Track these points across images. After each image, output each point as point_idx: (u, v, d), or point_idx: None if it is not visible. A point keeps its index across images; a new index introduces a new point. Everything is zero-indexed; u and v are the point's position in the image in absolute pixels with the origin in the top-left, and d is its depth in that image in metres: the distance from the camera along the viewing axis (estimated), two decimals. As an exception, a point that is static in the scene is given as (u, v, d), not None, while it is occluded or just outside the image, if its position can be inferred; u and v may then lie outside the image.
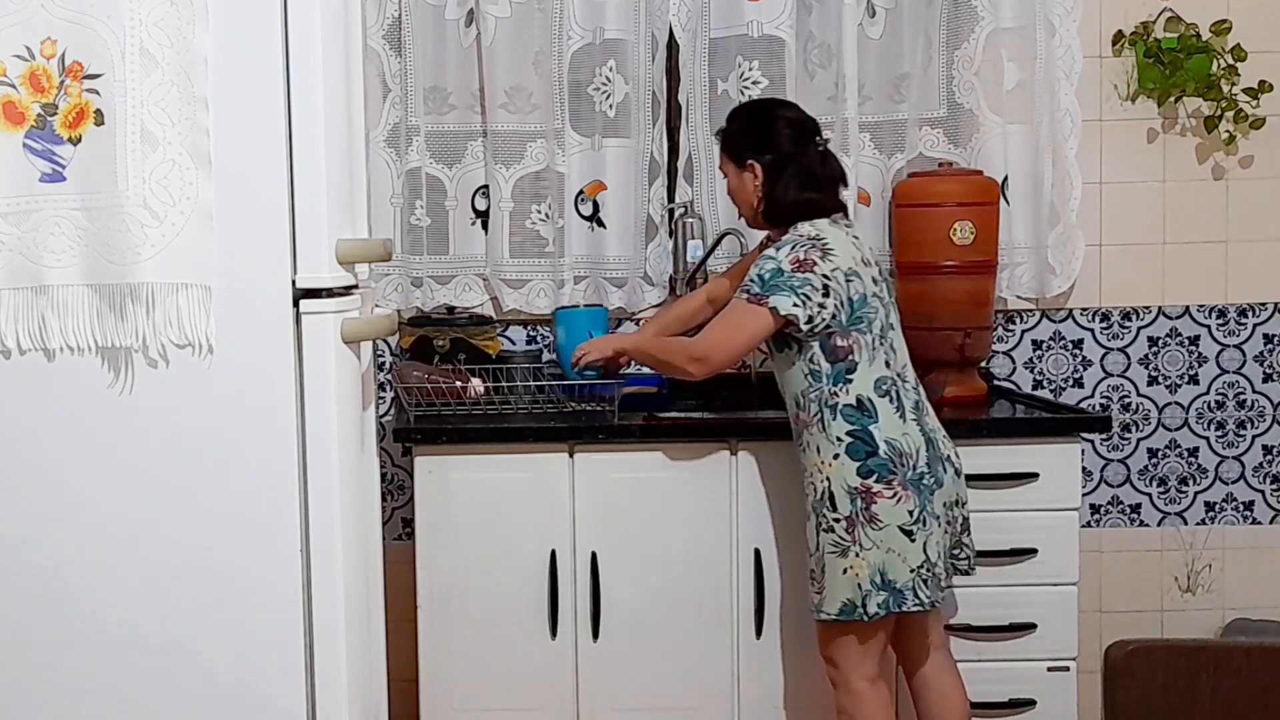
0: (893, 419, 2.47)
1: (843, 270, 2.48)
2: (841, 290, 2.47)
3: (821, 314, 2.44)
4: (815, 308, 2.44)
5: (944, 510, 2.51)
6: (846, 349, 2.47)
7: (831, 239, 2.51)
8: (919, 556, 2.45)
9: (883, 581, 2.45)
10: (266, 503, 1.94)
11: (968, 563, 2.62)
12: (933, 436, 2.52)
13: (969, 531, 2.61)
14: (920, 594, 2.46)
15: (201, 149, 1.87)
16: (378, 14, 3.19)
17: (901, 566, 2.44)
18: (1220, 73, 3.20)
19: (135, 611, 1.96)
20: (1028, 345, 3.35)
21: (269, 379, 1.93)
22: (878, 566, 2.44)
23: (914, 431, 2.48)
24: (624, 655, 2.82)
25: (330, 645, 1.97)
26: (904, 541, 2.43)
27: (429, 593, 2.80)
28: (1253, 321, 3.34)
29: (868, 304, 2.50)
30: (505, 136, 3.25)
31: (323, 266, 1.93)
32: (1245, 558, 3.38)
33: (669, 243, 3.29)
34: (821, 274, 2.45)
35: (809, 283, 2.44)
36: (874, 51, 3.24)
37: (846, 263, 2.49)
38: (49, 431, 1.94)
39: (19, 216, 1.89)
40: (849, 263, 2.50)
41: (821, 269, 2.46)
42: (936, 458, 2.50)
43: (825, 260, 2.47)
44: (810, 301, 2.44)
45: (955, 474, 2.55)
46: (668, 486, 2.81)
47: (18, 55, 1.88)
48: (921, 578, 2.46)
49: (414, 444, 2.79)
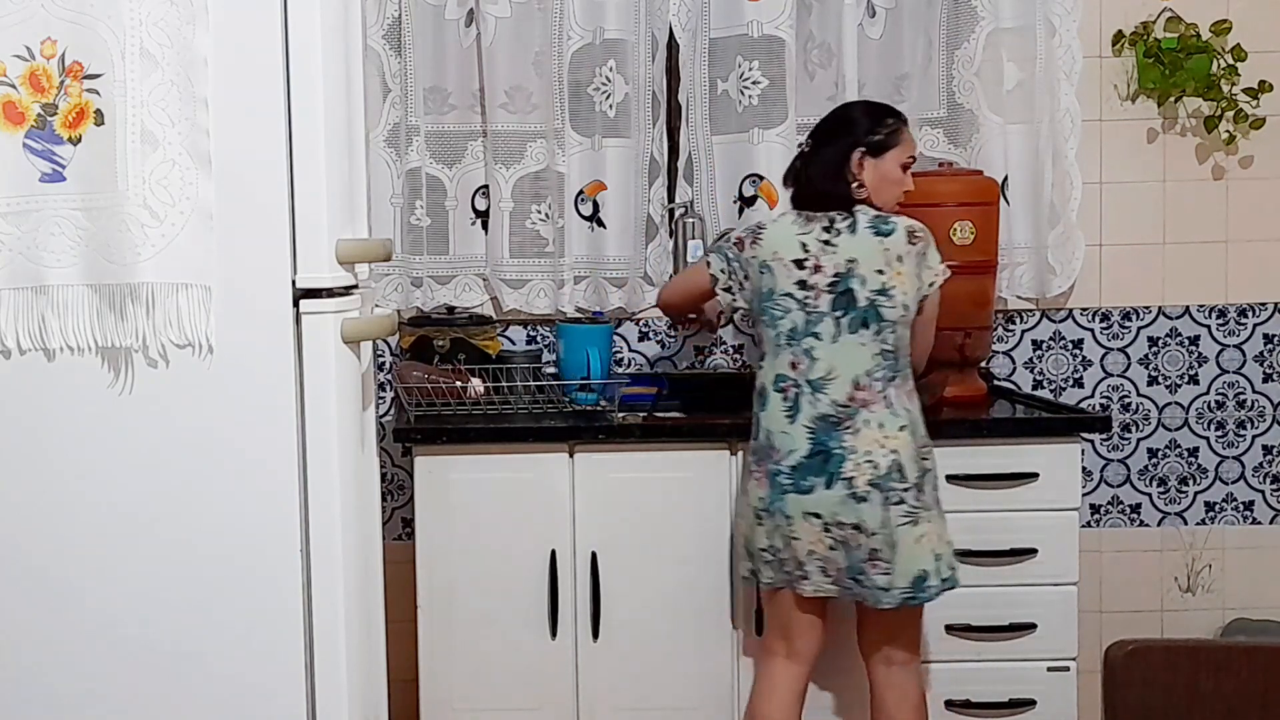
0: (779, 416, 2.55)
1: (760, 260, 2.59)
2: (755, 279, 2.60)
3: (741, 294, 2.64)
4: (735, 284, 2.64)
5: (806, 518, 2.51)
6: (759, 337, 2.64)
7: (770, 230, 2.61)
8: (763, 541, 2.58)
9: (746, 552, 2.64)
10: (266, 503, 1.94)
11: (873, 594, 2.50)
12: (830, 451, 2.49)
13: (879, 568, 2.48)
14: (765, 575, 2.60)
15: (201, 149, 1.87)
16: (378, 14, 3.19)
17: (753, 543, 2.61)
18: (1220, 73, 3.20)
19: (135, 611, 1.96)
20: (1028, 345, 3.35)
21: (269, 379, 1.92)
22: (744, 535, 2.64)
23: (799, 436, 2.52)
24: (624, 655, 2.82)
25: (330, 645, 1.97)
26: (753, 522, 2.59)
27: (429, 593, 2.80)
28: (1253, 321, 3.34)
29: (775, 301, 2.56)
30: (505, 136, 3.25)
31: (323, 266, 1.93)
32: (1245, 558, 3.38)
33: (669, 243, 3.29)
34: (746, 257, 2.61)
35: (738, 259, 2.63)
36: (874, 51, 3.24)
37: (767, 255, 2.58)
38: (49, 431, 1.94)
39: (19, 216, 1.89)
40: (769, 255, 2.58)
41: (746, 253, 2.61)
42: (820, 470, 2.49)
43: (752, 246, 2.61)
44: (733, 276, 2.64)
45: (851, 497, 2.47)
46: (668, 486, 2.81)
47: (18, 55, 1.88)
48: (766, 560, 2.59)
49: (414, 444, 2.79)
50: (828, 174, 2.59)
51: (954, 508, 2.78)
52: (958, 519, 2.78)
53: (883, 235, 2.54)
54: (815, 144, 2.64)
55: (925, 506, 2.51)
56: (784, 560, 2.57)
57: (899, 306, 2.52)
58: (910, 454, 2.50)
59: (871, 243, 2.53)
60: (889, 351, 2.52)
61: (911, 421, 2.53)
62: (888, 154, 2.60)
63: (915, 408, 2.56)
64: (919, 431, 2.54)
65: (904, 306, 2.53)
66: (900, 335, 2.54)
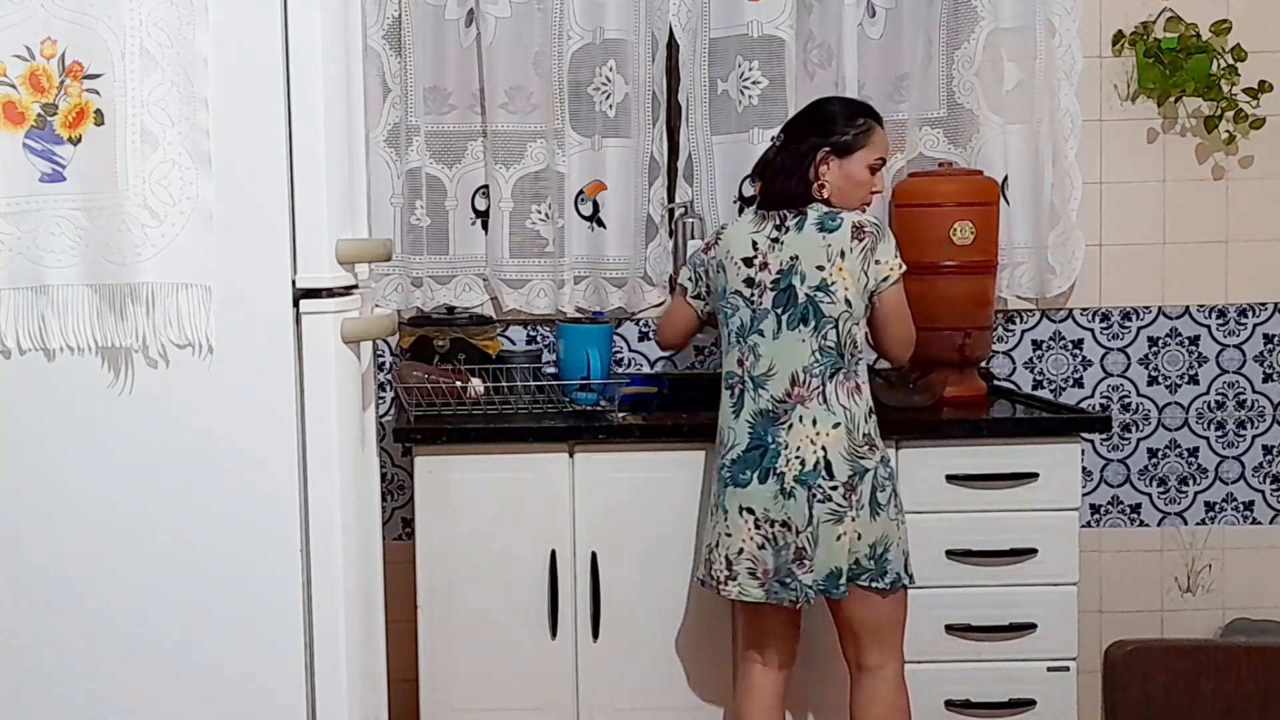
0: (726, 411, 2.60)
1: (718, 260, 2.64)
2: (713, 278, 2.66)
3: (709, 297, 2.70)
4: (702, 288, 2.72)
5: (741, 513, 2.52)
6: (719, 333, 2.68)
7: (729, 230, 2.66)
8: (710, 537, 2.60)
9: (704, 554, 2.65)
10: (266, 502, 1.94)
11: (795, 595, 2.48)
12: (766, 446, 2.50)
13: (804, 567, 2.47)
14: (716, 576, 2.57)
15: (201, 149, 1.87)
16: (378, 14, 3.19)
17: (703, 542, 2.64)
18: (1220, 73, 3.20)
19: (135, 611, 1.96)
20: (1028, 345, 3.35)
21: (269, 379, 1.93)
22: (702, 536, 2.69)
23: (741, 431, 2.55)
24: (624, 655, 2.82)
25: (330, 645, 1.97)
26: (705, 520, 2.64)
27: (429, 593, 2.80)
28: (1253, 321, 3.34)
29: (727, 299, 2.61)
30: (505, 136, 3.25)
31: (323, 266, 1.93)
32: (1245, 558, 3.38)
33: (669, 243, 3.29)
34: (708, 258, 2.69)
35: (703, 263, 2.71)
36: (874, 51, 3.24)
37: (723, 254, 2.63)
38: (49, 431, 1.94)
39: (19, 216, 1.89)
40: (723, 255, 2.63)
41: (709, 254, 2.68)
42: (756, 464, 2.51)
43: (714, 248, 2.67)
44: (699, 282, 2.72)
45: (780, 492, 2.48)
46: (668, 486, 2.81)
47: (18, 55, 1.88)
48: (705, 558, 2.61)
49: (414, 444, 2.79)
50: (789, 171, 2.59)
51: (954, 508, 2.78)
52: (958, 519, 2.79)
53: (827, 231, 2.52)
54: (785, 138, 2.64)
55: (854, 506, 2.47)
56: (714, 560, 2.57)
57: (839, 303, 2.50)
58: (842, 451, 2.47)
59: (815, 239, 2.52)
60: (829, 348, 2.50)
61: (849, 419, 2.49)
62: (855, 155, 2.58)
63: (858, 406, 2.51)
64: (858, 429, 2.49)
65: (846, 303, 2.50)
66: (844, 332, 2.51)
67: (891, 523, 2.52)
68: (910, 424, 2.83)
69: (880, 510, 2.50)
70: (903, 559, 2.54)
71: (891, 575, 2.51)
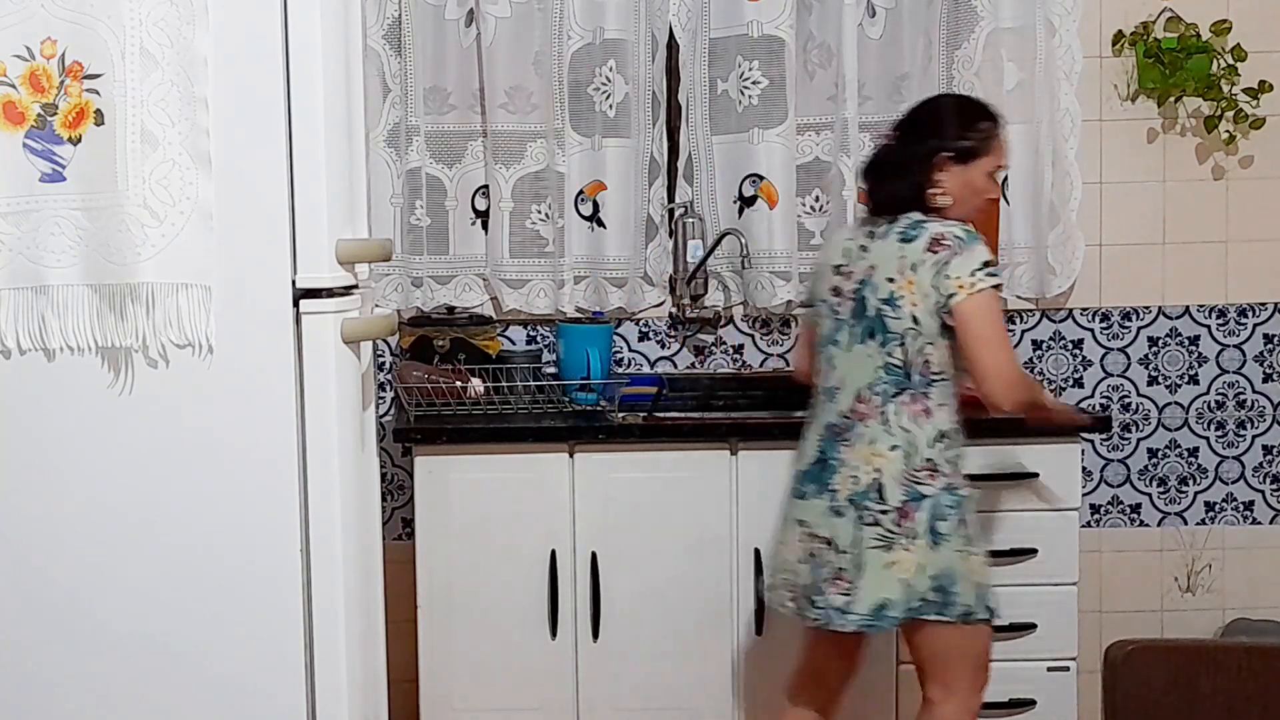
0: (809, 420, 2.54)
1: (816, 266, 2.62)
2: (812, 284, 2.62)
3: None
4: (809, 294, 2.66)
5: (795, 524, 2.47)
6: None
7: (830, 235, 2.65)
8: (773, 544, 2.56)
9: None
10: (266, 503, 1.94)
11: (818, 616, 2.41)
12: (826, 460, 2.43)
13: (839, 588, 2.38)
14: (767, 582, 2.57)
15: (201, 149, 1.87)
16: (378, 14, 3.19)
17: None
18: (1220, 73, 3.20)
19: (135, 611, 1.96)
20: (1028, 345, 3.35)
21: (269, 379, 1.92)
22: None
23: (810, 443, 2.49)
24: (624, 655, 2.82)
25: (330, 645, 1.97)
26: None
27: (429, 593, 2.80)
28: (1253, 321, 3.34)
29: (817, 306, 2.56)
30: (505, 136, 3.25)
31: (323, 266, 1.93)
32: (1245, 558, 3.38)
33: (669, 243, 3.29)
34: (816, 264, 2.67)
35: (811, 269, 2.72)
36: (874, 51, 3.24)
37: (821, 260, 2.59)
38: (49, 431, 1.94)
39: (19, 216, 1.89)
40: (822, 261, 2.58)
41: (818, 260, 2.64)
42: (817, 478, 2.44)
43: (819, 253, 2.66)
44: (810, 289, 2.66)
45: (831, 511, 2.40)
46: (668, 486, 2.81)
47: (18, 55, 1.88)
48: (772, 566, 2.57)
49: (414, 444, 2.79)
50: (902, 174, 2.42)
51: (954, 508, 2.78)
52: (958, 519, 2.78)
53: (905, 242, 2.36)
54: (899, 139, 2.47)
55: (907, 534, 2.34)
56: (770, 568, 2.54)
57: (905, 319, 2.35)
58: (896, 475, 2.35)
59: (893, 249, 2.37)
60: (895, 366, 2.37)
61: (909, 443, 2.36)
62: (978, 161, 2.42)
63: (922, 430, 2.36)
64: (918, 454, 2.35)
65: (913, 320, 2.34)
66: (913, 350, 2.35)
67: (957, 554, 2.35)
68: (910, 424, 2.83)
69: (942, 540, 2.34)
70: (975, 592, 2.37)
71: (960, 609, 2.36)
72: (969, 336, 2.32)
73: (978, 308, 2.31)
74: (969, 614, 2.37)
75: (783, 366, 3.32)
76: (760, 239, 3.22)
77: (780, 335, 3.34)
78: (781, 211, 3.22)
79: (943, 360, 2.37)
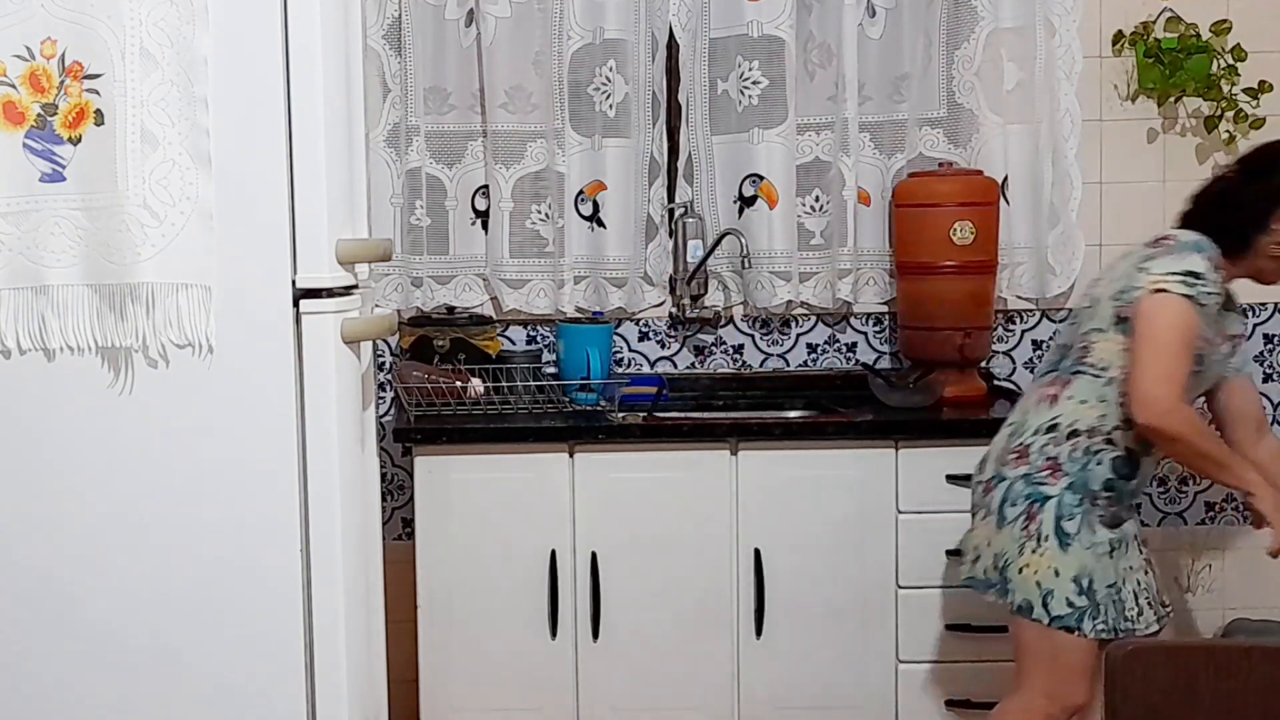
0: None
1: None
2: None
3: None
4: None
5: None
6: None
7: None
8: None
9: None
10: (266, 503, 1.94)
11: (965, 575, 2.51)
12: None
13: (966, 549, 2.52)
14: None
15: (201, 149, 1.87)
16: (378, 14, 3.19)
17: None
18: (1220, 73, 3.20)
19: (135, 611, 1.96)
20: (1028, 345, 3.35)
21: (269, 379, 1.93)
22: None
23: None
24: (624, 655, 2.82)
25: (330, 645, 1.97)
26: None
27: (429, 593, 2.80)
28: (1253, 321, 3.34)
29: None
30: (505, 136, 3.25)
31: (323, 266, 1.93)
32: (1245, 558, 3.37)
33: (669, 243, 3.29)
34: None
35: None
36: (874, 51, 3.24)
37: None
38: (49, 431, 1.94)
39: (19, 216, 1.89)
40: None
41: None
42: None
43: None
44: None
45: None
46: (668, 486, 2.81)
47: (18, 55, 1.88)
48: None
49: (414, 444, 2.79)
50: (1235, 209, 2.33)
51: (954, 508, 2.78)
52: (958, 519, 2.78)
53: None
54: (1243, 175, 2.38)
55: (985, 508, 2.42)
56: None
57: (1090, 301, 2.38)
58: (996, 451, 2.44)
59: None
60: (1061, 345, 2.45)
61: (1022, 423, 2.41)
62: None
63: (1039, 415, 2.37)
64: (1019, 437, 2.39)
65: (1094, 298, 2.37)
66: (1080, 331, 2.38)
67: (1015, 543, 2.35)
68: (910, 424, 2.83)
69: (1006, 525, 2.36)
70: (1034, 588, 2.34)
71: (1018, 600, 2.37)
72: (1137, 335, 2.25)
73: (1157, 308, 2.24)
74: (1025, 609, 2.36)
75: (783, 367, 3.33)
76: (760, 239, 3.22)
77: (780, 335, 3.34)
78: (781, 211, 3.22)
79: (1106, 355, 2.33)
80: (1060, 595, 2.33)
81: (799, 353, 3.33)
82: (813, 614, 2.82)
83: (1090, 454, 2.34)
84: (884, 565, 2.82)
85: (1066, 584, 2.33)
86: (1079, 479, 2.33)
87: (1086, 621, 2.33)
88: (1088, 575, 2.32)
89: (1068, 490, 2.33)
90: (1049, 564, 2.33)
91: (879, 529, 2.82)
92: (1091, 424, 2.34)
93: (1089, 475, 2.33)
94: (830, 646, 2.82)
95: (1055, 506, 2.33)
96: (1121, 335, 2.30)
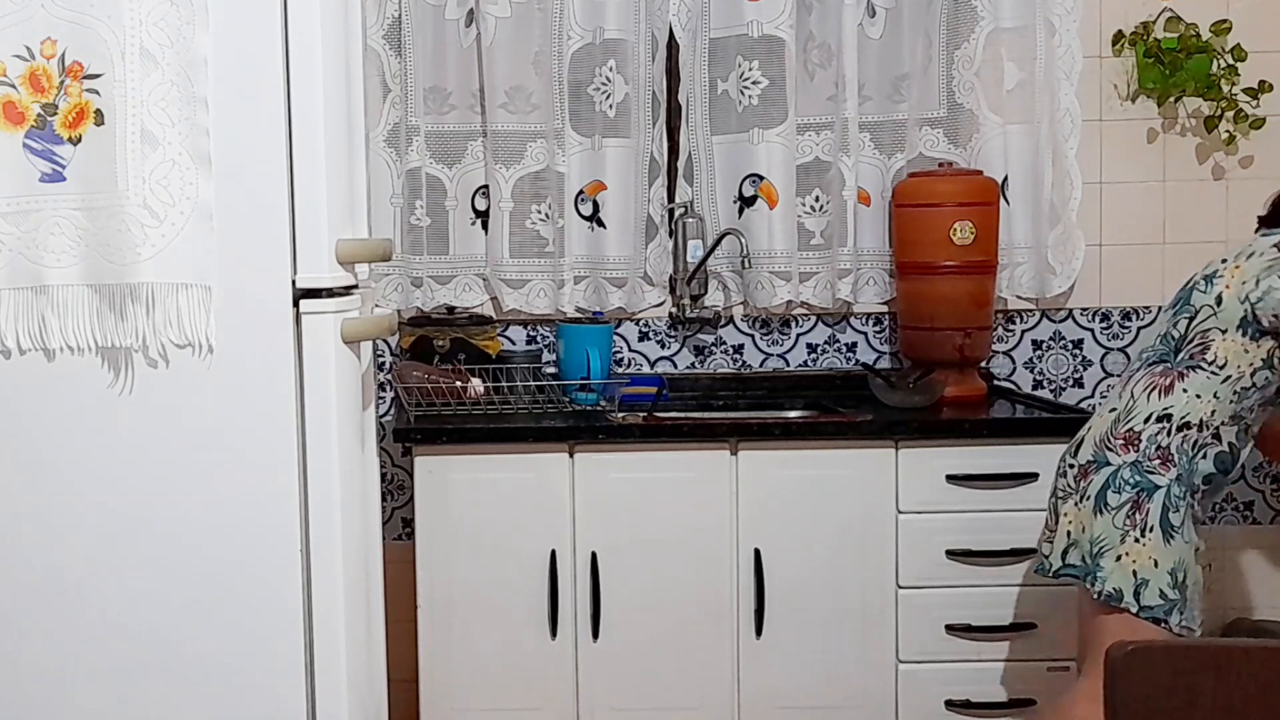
0: None
1: None
2: None
3: None
4: None
5: None
6: None
7: None
8: None
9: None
10: (266, 503, 1.94)
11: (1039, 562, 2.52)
12: None
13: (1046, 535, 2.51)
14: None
15: (201, 149, 1.87)
16: (378, 14, 3.19)
17: None
18: (1220, 73, 3.20)
19: (135, 611, 1.96)
20: (1028, 345, 3.35)
21: (269, 379, 1.93)
22: None
23: None
24: (624, 655, 2.82)
25: (330, 645, 1.97)
26: None
27: (429, 593, 2.80)
28: None
29: None
30: (505, 136, 3.25)
31: (323, 266, 1.93)
32: (1245, 558, 3.37)
33: (669, 243, 3.29)
34: None
35: None
36: (874, 51, 3.24)
37: None
38: (49, 431, 1.94)
39: (19, 216, 1.89)
40: None
41: None
42: None
43: None
44: None
45: None
46: (668, 486, 2.81)
47: (18, 55, 1.88)
48: None
49: (414, 444, 2.79)
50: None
51: (954, 508, 2.78)
52: (958, 519, 2.79)
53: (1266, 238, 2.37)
54: None
55: (1078, 493, 2.41)
56: None
57: (1209, 295, 2.37)
58: (1097, 436, 2.42)
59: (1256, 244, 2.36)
60: (1172, 337, 2.41)
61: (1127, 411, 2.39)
62: None
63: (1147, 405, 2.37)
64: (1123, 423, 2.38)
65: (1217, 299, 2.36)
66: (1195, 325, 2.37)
67: (1117, 531, 2.33)
68: (910, 424, 2.83)
69: (1106, 511, 2.35)
70: (1129, 577, 2.32)
71: (1105, 589, 2.35)
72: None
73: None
74: (1114, 597, 2.34)
75: (783, 367, 3.33)
76: (760, 239, 3.22)
77: (780, 335, 3.34)
78: (781, 211, 3.22)
79: (1226, 354, 2.32)
80: (1155, 587, 2.33)
81: (799, 353, 3.34)
82: (813, 614, 2.82)
83: (1198, 448, 2.36)
84: (884, 565, 2.82)
85: (1163, 576, 2.33)
86: (1186, 471, 2.34)
87: (1175, 615, 2.33)
88: (1183, 570, 2.33)
89: (1175, 482, 2.34)
90: (1150, 555, 2.32)
91: (879, 529, 2.81)
92: (1202, 418, 2.35)
93: (1194, 469, 2.35)
94: (830, 646, 2.82)
95: (1163, 497, 2.33)
96: (1244, 337, 2.31)
